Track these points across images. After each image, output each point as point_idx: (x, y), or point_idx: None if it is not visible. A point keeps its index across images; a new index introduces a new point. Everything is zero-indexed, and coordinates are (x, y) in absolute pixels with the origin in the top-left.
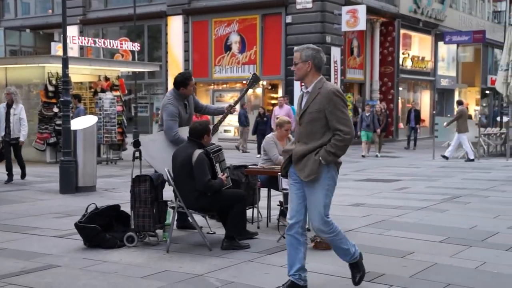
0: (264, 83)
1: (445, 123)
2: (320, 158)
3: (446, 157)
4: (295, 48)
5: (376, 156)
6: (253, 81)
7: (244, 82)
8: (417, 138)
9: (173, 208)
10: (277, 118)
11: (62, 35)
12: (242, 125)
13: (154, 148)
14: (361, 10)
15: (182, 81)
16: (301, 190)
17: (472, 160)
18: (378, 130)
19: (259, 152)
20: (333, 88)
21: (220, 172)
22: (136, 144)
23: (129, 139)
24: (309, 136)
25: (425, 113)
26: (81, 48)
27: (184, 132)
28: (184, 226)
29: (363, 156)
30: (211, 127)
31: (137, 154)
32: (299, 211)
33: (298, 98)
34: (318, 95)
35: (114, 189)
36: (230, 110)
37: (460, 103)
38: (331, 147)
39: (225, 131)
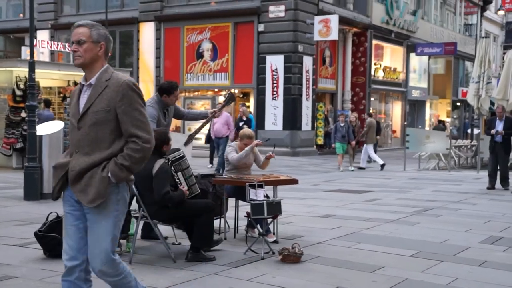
0: (236, 91)
1: (359, 137)
2: (109, 174)
3: (363, 168)
4: (79, 22)
5: (352, 170)
6: (229, 99)
7: (216, 90)
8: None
9: (136, 218)
10: (214, 124)
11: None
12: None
13: None
14: (334, 20)
15: (167, 89)
16: (81, 220)
17: (383, 165)
18: (353, 142)
19: (210, 162)
20: (128, 80)
21: (183, 181)
22: None
23: None
24: (93, 144)
25: (397, 124)
26: (52, 53)
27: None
28: (150, 237)
29: (341, 171)
30: (177, 135)
31: None
32: (80, 249)
33: (72, 94)
34: (107, 89)
35: None
36: (214, 115)
37: (369, 115)
38: (124, 159)
39: (196, 138)
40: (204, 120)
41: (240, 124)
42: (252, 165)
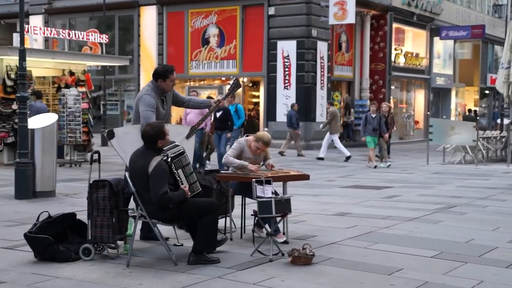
0: (245, 79)
1: (321, 126)
2: None
3: (321, 158)
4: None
5: (388, 166)
6: (234, 87)
7: (223, 78)
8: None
9: (134, 217)
10: (187, 114)
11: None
12: (292, 127)
13: (128, 142)
14: (350, 2)
15: (161, 73)
16: None
17: (349, 157)
18: (386, 135)
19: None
20: None
21: (184, 179)
22: (110, 134)
23: (96, 139)
24: None
25: (419, 114)
26: (46, 40)
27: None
28: (149, 237)
29: (374, 167)
30: (179, 127)
31: (95, 156)
32: None
33: None
34: None
35: (76, 195)
36: (218, 105)
37: (331, 104)
38: None
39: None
40: (207, 110)
41: (218, 114)
42: (260, 164)
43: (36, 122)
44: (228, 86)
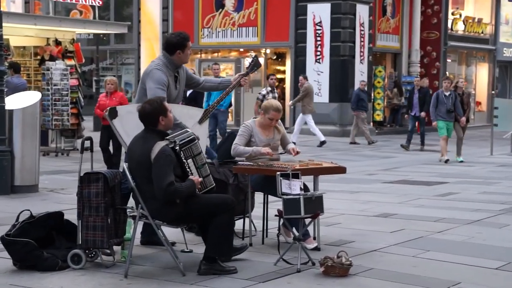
0: (268, 51)
1: (290, 102)
2: None
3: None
4: None
5: (462, 161)
6: (254, 66)
7: (242, 50)
8: (425, 133)
9: (134, 217)
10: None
11: None
12: (358, 109)
13: (132, 123)
14: None
15: (178, 43)
16: None
17: (324, 142)
18: (463, 119)
19: None
20: None
21: (194, 170)
22: (112, 113)
23: (87, 123)
24: None
25: (482, 94)
26: (27, 2)
27: (176, 112)
28: (151, 242)
29: (446, 161)
30: (191, 109)
31: (87, 144)
32: None
33: None
34: None
35: (63, 190)
36: (239, 82)
37: (305, 78)
38: None
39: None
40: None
41: (188, 92)
42: (278, 149)
43: (14, 102)
44: (248, 62)
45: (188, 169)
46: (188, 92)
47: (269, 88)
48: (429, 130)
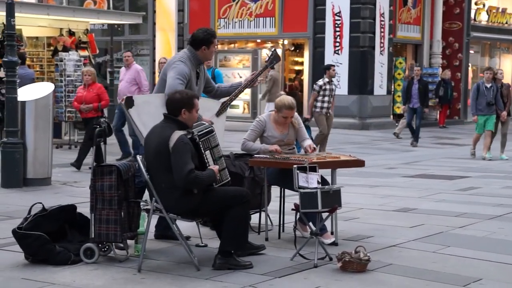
0: (285, 42)
1: (260, 96)
2: None
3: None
4: None
5: (507, 159)
6: (273, 59)
7: (259, 41)
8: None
9: (148, 211)
10: (120, 81)
11: None
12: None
13: (148, 113)
14: None
15: (205, 39)
16: None
17: None
18: (504, 113)
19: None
20: None
21: (211, 162)
22: (129, 102)
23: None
24: None
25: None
26: None
27: None
28: (166, 236)
29: (484, 158)
30: (209, 101)
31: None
32: None
33: None
34: None
35: (76, 183)
36: (253, 84)
37: (272, 67)
38: None
39: (231, 106)
40: (241, 86)
41: None
42: (293, 143)
43: (27, 93)
44: (266, 53)
45: (206, 161)
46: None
47: (326, 79)
48: (455, 123)
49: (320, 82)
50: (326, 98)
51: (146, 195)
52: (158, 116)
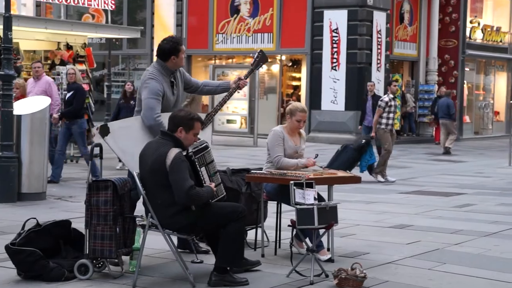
0: (283, 57)
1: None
2: None
3: None
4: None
5: None
6: (260, 61)
7: (251, 55)
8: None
9: (143, 226)
10: (28, 93)
11: None
12: (452, 118)
13: (126, 139)
14: None
15: (172, 49)
16: None
17: None
18: None
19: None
20: None
21: (207, 178)
22: (103, 130)
23: None
24: None
25: (500, 103)
26: (38, 5)
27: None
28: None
29: None
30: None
31: (96, 151)
32: None
33: None
34: None
35: (71, 198)
36: (238, 85)
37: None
38: None
39: (228, 121)
40: (226, 93)
41: (68, 94)
42: (303, 156)
43: (23, 107)
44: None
45: (202, 177)
46: (68, 94)
47: (391, 96)
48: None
49: (386, 98)
50: (391, 115)
51: (142, 211)
52: (141, 139)
